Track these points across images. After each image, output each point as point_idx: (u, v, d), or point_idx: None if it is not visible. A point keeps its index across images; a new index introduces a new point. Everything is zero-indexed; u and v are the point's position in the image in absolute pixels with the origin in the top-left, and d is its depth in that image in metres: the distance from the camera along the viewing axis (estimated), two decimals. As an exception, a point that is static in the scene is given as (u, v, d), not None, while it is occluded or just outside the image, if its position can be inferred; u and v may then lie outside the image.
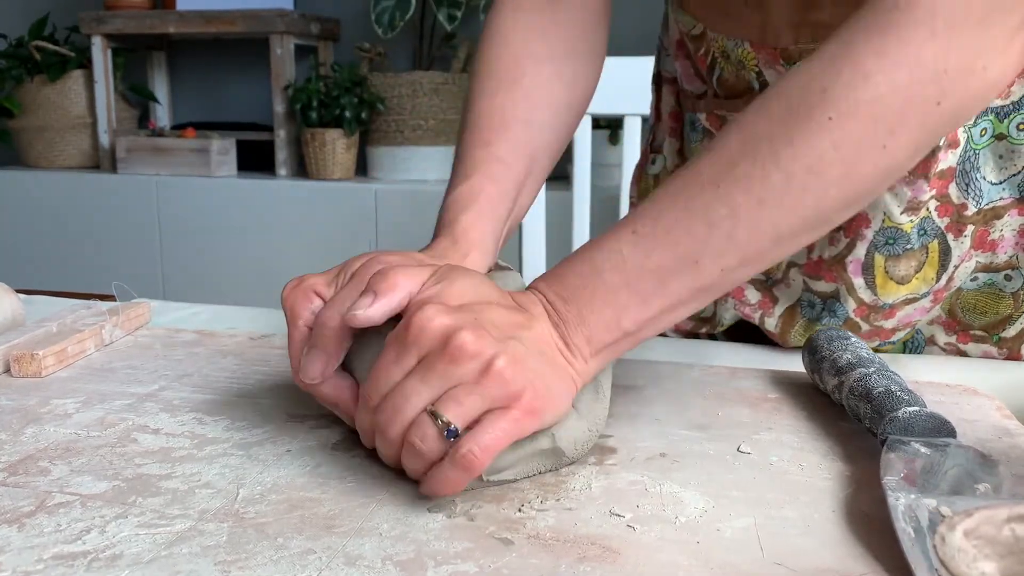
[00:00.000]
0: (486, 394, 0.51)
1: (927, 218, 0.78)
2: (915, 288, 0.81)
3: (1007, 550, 0.42)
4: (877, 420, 0.57)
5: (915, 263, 0.80)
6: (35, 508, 0.49)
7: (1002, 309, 0.83)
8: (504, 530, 0.48)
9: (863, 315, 0.83)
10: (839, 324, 0.84)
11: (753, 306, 0.88)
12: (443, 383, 0.51)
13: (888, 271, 0.80)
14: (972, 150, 0.76)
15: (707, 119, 0.88)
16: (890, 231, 0.78)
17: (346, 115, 2.86)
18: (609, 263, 0.57)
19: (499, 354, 0.51)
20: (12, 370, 0.71)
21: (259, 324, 0.91)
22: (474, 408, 0.51)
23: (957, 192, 0.77)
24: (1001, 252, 0.80)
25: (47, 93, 3.17)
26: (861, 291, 0.81)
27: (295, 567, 0.44)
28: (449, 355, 0.51)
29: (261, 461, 0.56)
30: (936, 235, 0.79)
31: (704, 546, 0.47)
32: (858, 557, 0.46)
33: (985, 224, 0.79)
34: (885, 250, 0.79)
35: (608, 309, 0.56)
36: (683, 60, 0.90)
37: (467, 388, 0.51)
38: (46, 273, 3.14)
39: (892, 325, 0.84)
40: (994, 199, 0.78)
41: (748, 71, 0.81)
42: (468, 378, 0.51)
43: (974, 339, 0.85)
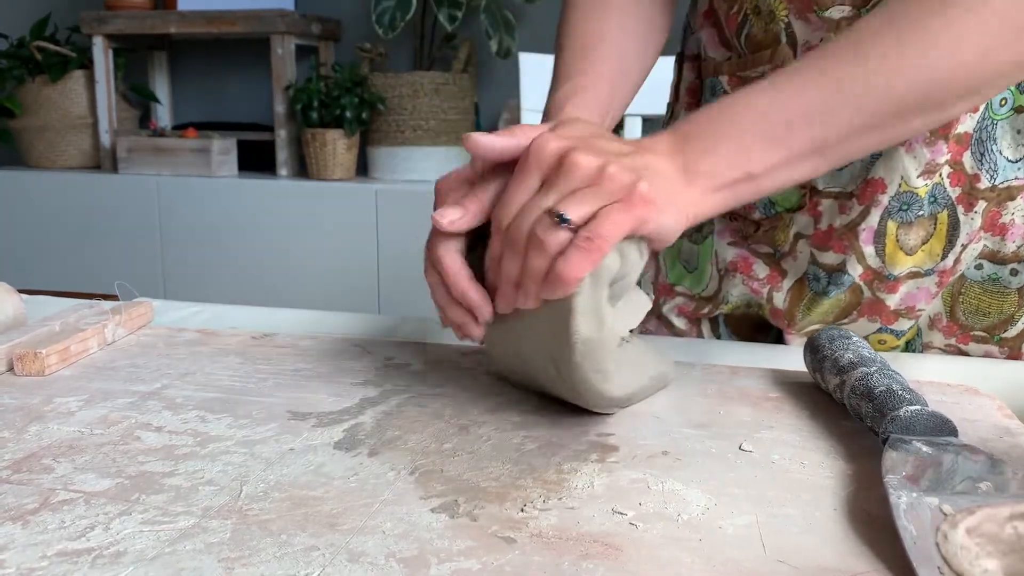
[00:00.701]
0: (600, 192, 0.57)
1: (939, 184, 0.79)
2: (920, 262, 0.81)
3: (1009, 548, 0.42)
4: (879, 419, 0.57)
5: (923, 233, 0.80)
6: (39, 505, 0.50)
7: (1006, 308, 0.83)
8: (507, 529, 0.48)
9: (867, 280, 0.84)
10: (842, 293, 0.85)
11: (761, 281, 0.90)
12: (562, 193, 0.58)
13: (899, 239, 0.81)
14: (990, 119, 0.77)
15: (728, 81, 0.89)
16: (906, 196, 0.79)
17: (347, 115, 2.86)
18: (742, 106, 0.63)
19: (610, 162, 0.58)
20: (15, 368, 0.71)
21: (261, 323, 0.91)
22: (591, 204, 0.57)
23: (971, 161, 0.78)
24: (1010, 240, 0.80)
25: (48, 93, 3.17)
26: (870, 259, 0.82)
27: (298, 564, 0.44)
28: (565, 169, 0.58)
29: (264, 459, 0.56)
30: (946, 205, 0.79)
31: (706, 544, 0.47)
32: (860, 555, 0.46)
33: (998, 204, 0.79)
34: (899, 216, 0.80)
35: (735, 146, 0.62)
36: (709, 29, 0.92)
37: (583, 190, 0.57)
38: (48, 273, 3.14)
39: (895, 304, 0.84)
40: (1009, 178, 0.78)
41: (778, 22, 0.82)
42: (584, 184, 0.58)
43: (975, 339, 0.85)
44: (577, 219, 0.57)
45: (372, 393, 0.68)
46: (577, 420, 0.63)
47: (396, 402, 0.66)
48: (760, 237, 0.90)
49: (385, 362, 0.76)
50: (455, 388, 0.70)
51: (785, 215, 0.87)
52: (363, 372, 0.73)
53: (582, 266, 0.56)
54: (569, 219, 0.57)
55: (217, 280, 3.00)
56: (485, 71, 3.15)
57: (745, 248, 0.91)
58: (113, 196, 3.07)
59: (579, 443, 0.60)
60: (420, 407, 0.66)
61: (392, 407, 0.65)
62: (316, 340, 0.81)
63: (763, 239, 0.90)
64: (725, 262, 0.92)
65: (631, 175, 0.58)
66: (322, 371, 0.73)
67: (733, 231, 0.93)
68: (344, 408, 0.65)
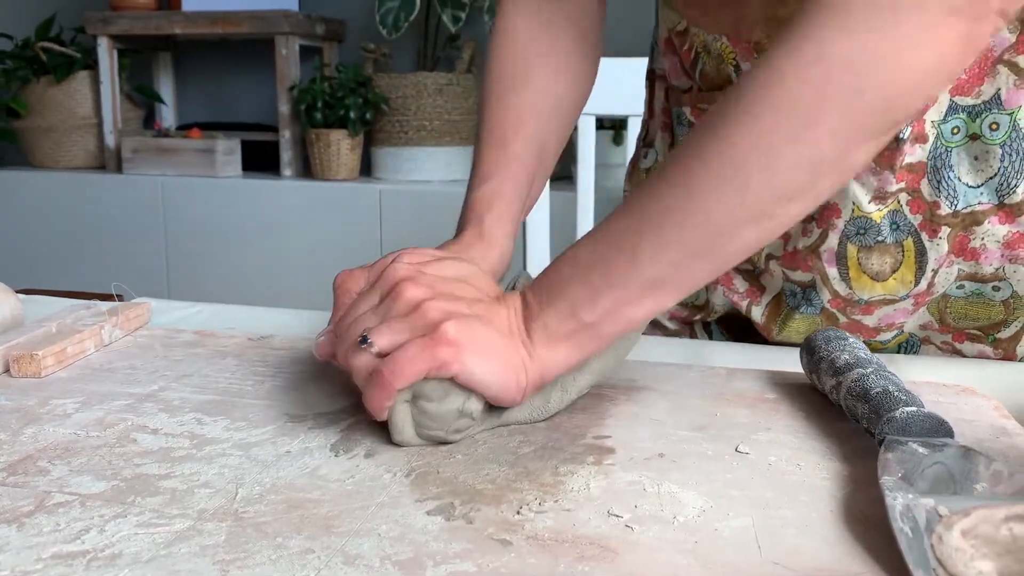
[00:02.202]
0: (412, 324, 0.59)
1: (898, 211, 0.79)
2: (892, 289, 0.81)
3: (1004, 549, 0.42)
4: (875, 420, 0.57)
5: (890, 260, 0.80)
6: (34, 508, 0.50)
7: (994, 315, 0.83)
8: (503, 531, 0.48)
9: (839, 307, 0.84)
10: (816, 313, 0.86)
11: (741, 294, 0.91)
12: (382, 317, 0.61)
13: (861, 263, 0.81)
14: (944, 147, 0.77)
15: (691, 112, 0.90)
16: (860, 220, 0.80)
17: (351, 116, 2.86)
18: (565, 260, 0.63)
19: (434, 299, 0.60)
20: (12, 370, 0.71)
21: (259, 322, 0.91)
22: (399, 335, 0.59)
23: (929, 188, 0.78)
24: (986, 264, 0.80)
25: (53, 94, 3.17)
26: (835, 283, 0.83)
27: (294, 566, 0.44)
28: (392, 295, 0.61)
29: (260, 462, 0.56)
30: (910, 232, 0.79)
31: (702, 546, 0.47)
32: (856, 557, 0.46)
33: (964, 229, 0.79)
34: (857, 240, 0.80)
35: (563, 300, 0.61)
36: (671, 56, 0.92)
37: (398, 319, 0.60)
38: (52, 273, 3.15)
39: (873, 324, 0.85)
40: (972, 203, 0.78)
41: (727, 64, 0.83)
42: (401, 313, 0.60)
43: (970, 338, 0.85)
44: (380, 346, 0.59)
45: (369, 395, 0.68)
46: (574, 423, 0.63)
47: (393, 404, 0.66)
48: None
49: (383, 363, 0.76)
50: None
51: None
52: (361, 374, 0.73)
53: (377, 397, 0.58)
54: (370, 342, 0.59)
55: (221, 280, 3.00)
56: (488, 71, 3.15)
57: None
58: (117, 196, 3.07)
59: (576, 446, 0.60)
60: (417, 409, 0.65)
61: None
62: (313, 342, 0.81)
63: None
64: None
65: (442, 315, 0.59)
66: (319, 373, 0.73)
67: None
68: (340, 409, 0.65)
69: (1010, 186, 0.77)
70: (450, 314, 0.59)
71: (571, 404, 0.66)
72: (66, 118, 3.20)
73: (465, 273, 0.65)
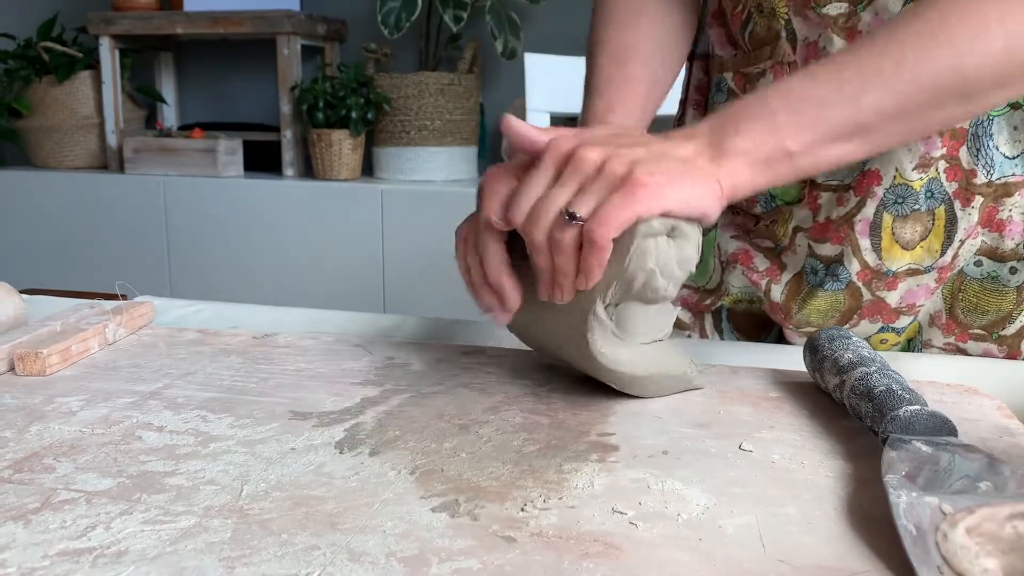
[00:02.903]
0: (603, 183, 0.60)
1: (935, 179, 0.80)
2: (919, 258, 0.82)
3: (1009, 547, 0.42)
4: (878, 419, 0.57)
5: (920, 228, 0.81)
6: (40, 505, 0.50)
7: (1004, 306, 0.83)
8: (507, 528, 0.48)
9: (866, 280, 0.84)
10: (842, 289, 0.85)
11: (761, 273, 0.91)
12: (572, 187, 0.61)
13: (895, 232, 0.82)
14: (986, 115, 0.78)
15: (733, 79, 0.91)
16: (900, 188, 0.80)
17: (352, 115, 2.86)
18: (775, 92, 0.65)
19: (612, 155, 0.61)
20: (17, 368, 0.71)
21: (262, 322, 0.91)
22: (595, 197, 0.60)
23: (968, 156, 0.79)
24: (1008, 238, 0.81)
25: (55, 94, 3.17)
26: (866, 253, 0.83)
27: (299, 563, 0.44)
28: (573, 164, 0.61)
29: (265, 459, 0.56)
30: (943, 200, 0.80)
31: (706, 543, 0.47)
32: (860, 554, 0.46)
33: (995, 200, 0.80)
34: (894, 209, 0.81)
35: (766, 125, 0.64)
36: (717, 28, 0.94)
37: (589, 185, 0.61)
38: (55, 273, 3.15)
39: (895, 302, 0.85)
40: (1006, 174, 0.79)
41: (779, 19, 0.84)
42: (590, 176, 0.61)
43: (973, 337, 0.86)
44: (585, 214, 0.60)
45: (373, 393, 0.68)
46: (578, 420, 0.64)
47: (397, 402, 0.66)
48: (761, 231, 0.91)
49: (386, 362, 0.76)
50: (456, 388, 0.70)
51: (785, 209, 0.88)
52: (364, 372, 0.73)
53: (595, 258, 0.60)
54: (578, 216, 0.60)
55: (223, 279, 3.00)
56: (490, 71, 3.14)
57: (747, 241, 0.93)
58: (120, 196, 3.07)
59: (579, 443, 0.60)
60: (421, 407, 0.66)
61: (393, 407, 0.66)
62: (317, 340, 0.82)
63: (764, 233, 0.91)
64: (727, 254, 0.94)
65: (627, 165, 0.60)
66: (323, 371, 0.73)
67: (736, 225, 0.94)
68: (345, 408, 0.65)
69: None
70: (635, 161, 0.60)
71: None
72: (68, 118, 3.20)
73: (622, 130, 0.68)
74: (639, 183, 0.59)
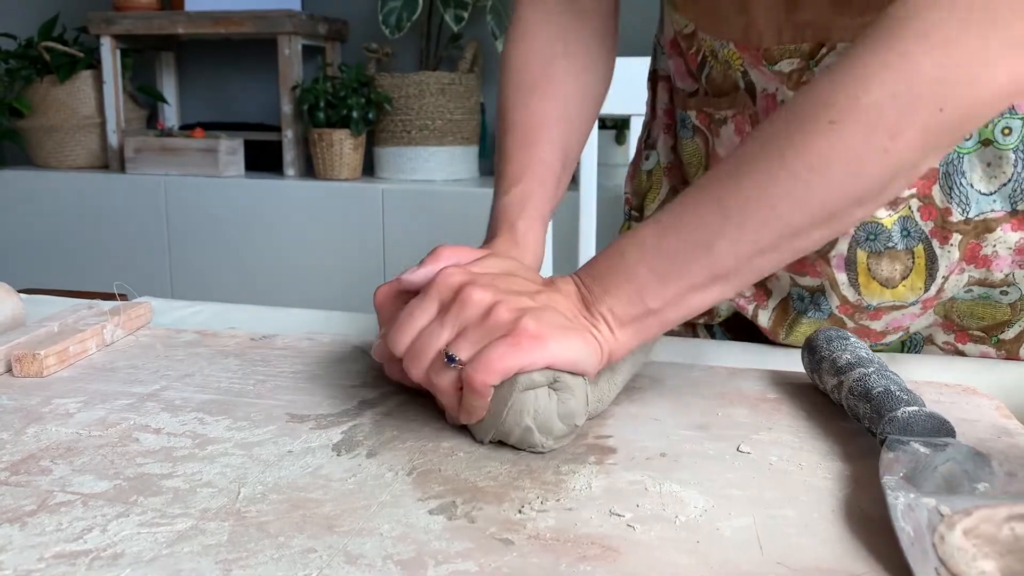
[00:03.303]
0: (487, 329, 0.59)
1: (909, 218, 0.79)
2: (902, 296, 0.81)
3: (1006, 549, 0.42)
4: (876, 420, 0.57)
5: (900, 267, 0.80)
6: (37, 507, 0.50)
7: (999, 316, 0.83)
8: (505, 530, 0.48)
9: (847, 313, 0.84)
10: (824, 318, 0.85)
11: (748, 298, 0.90)
12: (455, 327, 0.60)
13: (871, 269, 0.81)
14: (956, 153, 0.77)
15: (697, 117, 0.91)
16: (870, 226, 0.80)
17: (353, 115, 2.86)
18: (631, 247, 0.63)
19: (502, 300, 0.59)
20: (14, 370, 0.71)
21: (261, 322, 0.91)
22: (479, 343, 0.58)
23: (940, 195, 0.78)
24: (997, 271, 0.80)
25: (56, 94, 3.17)
26: (844, 288, 0.83)
27: (296, 565, 0.44)
28: (459, 302, 0.60)
29: (262, 461, 0.56)
30: (920, 239, 0.79)
31: (704, 545, 0.47)
32: (858, 556, 0.46)
33: (976, 236, 0.79)
34: (867, 246, 0.80)
35: (629, 285, 0.62)
36: (676, 58, 0.93)
37: (472, 328, 0.59)
38: (56, 272, 3.15)
39: (880, 328, 0.85)
40: (984, 211, 0.78)
41: (734, 71, 0.84)
42: (475, 320, 0.59)
43: (972, 339, 0.85)
44: (465, 359, 0.59)
45: (370, 395, 0.68)
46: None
47: (394, 403, 0.66)
48: None
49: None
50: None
51: None
52: (361, 374, 0.73)
53: (476, 403, 0.58)
54: (456, 359, 0.59)
55: (224, 279, 3.00)
56: (491, 71, 3.14)
57: None
58: (121, 196, 3.07)
59: (577, 445, 0.60)
60: (418, 408, 0.66)
61: (390, 408, 0.65)
62: (315, 342, 0.81)
63: None
64: None
65: (515, 313, 0.59)
66: (320, 373, 0.73)
67: None
68: (342, 410, 0.65)
69: (1023, 192, 0.77)
70: (523, 310, 0.59)
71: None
72: (69, 118, 3.20)
73: (512, 267, 0.67)
74: (525, 333, 0.58)
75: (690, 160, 0.94)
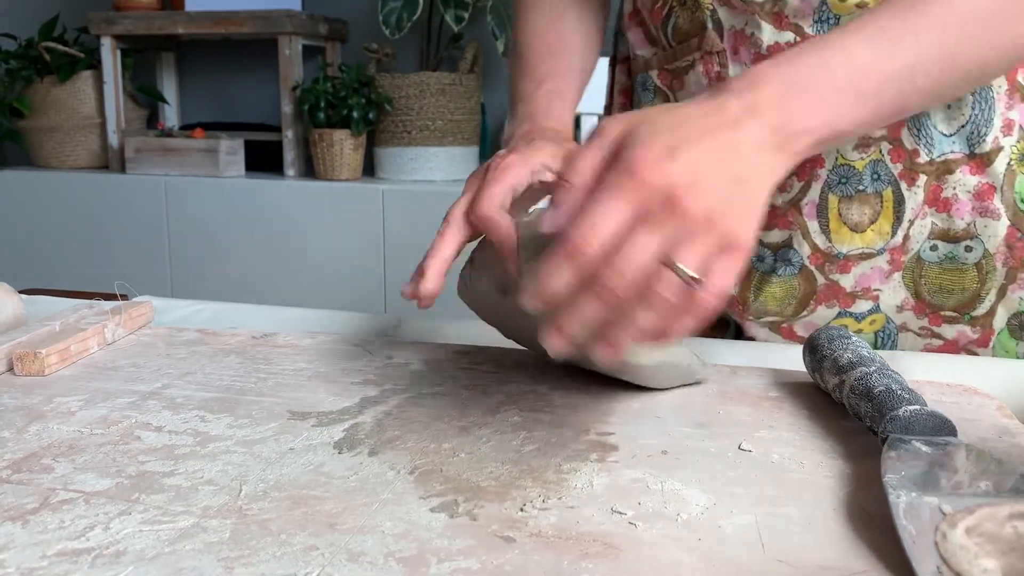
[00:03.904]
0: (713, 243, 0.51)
1: (880, 161, 0.81)
2: (870, 241, 0.83)
3: (1009, 547, 0.42)
4: (878, 419, 0.57)
5: (869, 211, 0.82)
6: (39, 505, 0.50)
7: (967, 283, 0.84)
8: (506, 528, 0.48)
9: (818, 264, 0.85)
10: (795, 274, 0.86)
11: None
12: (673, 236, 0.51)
13: (841, 213, 0.83)
14: None
15: (658, 76, 0.92)
16: (843, 169, 0.82)
17: (354, 115, 2.86)
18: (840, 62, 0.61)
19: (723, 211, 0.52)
20: (15, 368, 0.71)
21: (261, 320, 0.91)
22: (706, 258, 0.51)
23: (909, 137, 0.81)
24: (958, 217, 0.82)
25: (57, 94, 3.17)
26: (815, 235, 0.84)
27: (298, 563, 0.44)
28: (677, 214, 0.51)
29: (264, 459, 0.56)
30: (890, 182, 0.82)
31: (705, 543, 0.47)
32: (859, 554, 0.46)
33: (938, 178, 0.81)
34: (839, 190, 0.82)
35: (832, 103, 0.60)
36: (635, 28, 0.95)
37: (697, 241, 0.51)
38: (56, 272, 3.15)
39: (850, 286, 0.86)
40: (945, 151, 0.81)
41: (703, 10, 0.85)
42: (697, 231, 0.51)
43: (946, 320, 0.87)
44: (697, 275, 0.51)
45: (372, 393, 0.68)
46: (577, 420, 0.64)
47: (396, 402, 0.66)
48: None
49: (385, 362, 0.76)
50: (455, 388, 0.70)
51: None
52: (363, 372, 0.73)
53: (689, 328, 0.52)
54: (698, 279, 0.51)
55: (224, 279, 3.00)
56: (491, 71, 3.14)
57: None
58: (121, 196, 3.07)
59: (579, 443, 0.60)
60: (420, 407, 0.66)
61: (392, 407, 0.65)
62: (316, 340, 0.81)
63: None
64: None
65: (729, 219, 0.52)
66: (322, 371, 0.73)
67: None
68: (344, 408, 0.65)
69: (980, 135, 0.80)
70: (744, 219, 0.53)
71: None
72: (69, 118, 3.20)
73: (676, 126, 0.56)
74: (741, 248, 0.53)
75: None
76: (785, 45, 0.80)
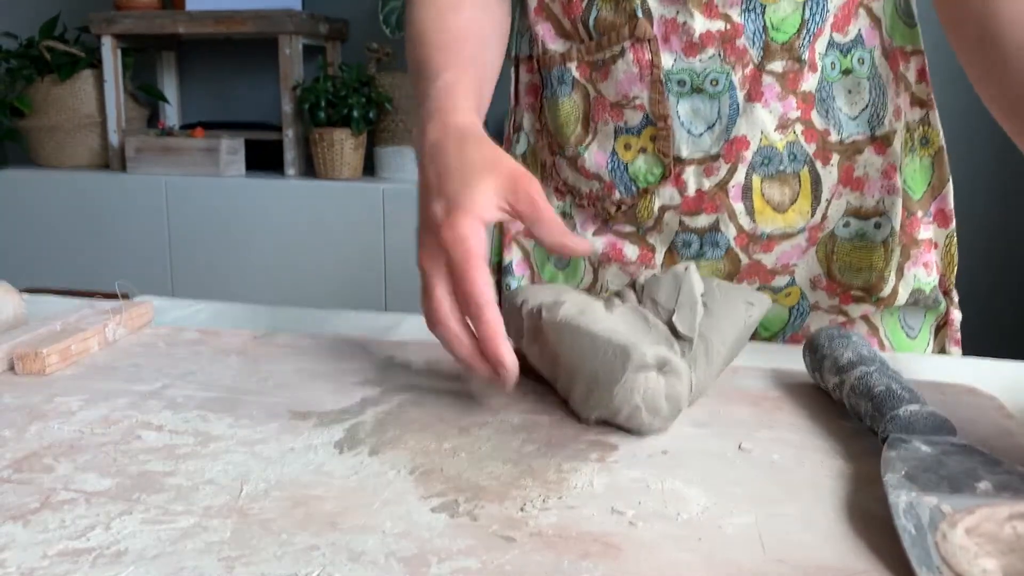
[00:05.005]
0: None
1: (795, 142, 0.85)
2: (792, 221, 0.87)
3: (1008, 547, 0.42)
4: (878, 418, 0.57)
5: (789, 191, 0.86)
6: (40, 505, 0.50)
7: (876, 262, 0.88)
8: (507, 528, 0.48)
9: (743, 245, 0.89)
10: (722, 255, 0.90)
11: (635, 263, 0.93)
12: None
13: (765, 194, 0.86)
14: (826, 80, 0.84)
15: (578, 68, 0.91)
16: (766, 150, 0.85)
17: (354, 115, 2.86)
18: None
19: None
20: (16, 368, 0.71)
21: (262, 320, 0.91)
22: None
23: (819, 118, 0.85)
24: (869, 196, 0.87)
25: (57, 93, 3.17)
26: (741, 217, 0.87)
27: (299, 563, 0.44)
28: None
29: (265, 459, 0.56)
30: (806, 161, 0.85)
31: (705, 543, 0.47)
32: (859, 554, 0.46)
33: (849, 158, 0.86)
34: (761, 171, 0.86)
35: None
36: (544, 23, 0.93)
37: None
38: (56, 272, 3.15)
39: (771, 264, 0.89)
40: (853, 133, 0.86)
41: (631, 0, 0.85)
42: None
43: (854, 299, 0.91)
44: None
45: (373, 392, 0.68)
46: (578, 421, 0.63)
47: (397, 401, 0.66)
48: (620, 217, 0.93)
49: (386, 361, 0.76)
50: (456, 388, 0.70)
51: (649, 189, 0.90)
52: (364, 371, 0.73)
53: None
54: None
55: (225, 279, 3.00)
56: (491, 70, 3.14)
57: (609, 233, 0.95)
58: (121, 195, 3.07)
59: (579, 442, 0.60)
60: (421, 407, 0.66)
61: (393, 406, 0.66)
62: (317, 339, 0.81)
63: (624, 218, 0.93)
64: (596, 255, 0.96)
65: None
66: (323, 370, 0.73)
67: (592, 217, 0.95)
68: (345, 407, 0.65)
69: (879, 118, 0.86)
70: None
71: None
72: (70, 117, 3.20)
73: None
74: None
75: (565, 120, 0.94)
76: (717, 33, 0.82)
